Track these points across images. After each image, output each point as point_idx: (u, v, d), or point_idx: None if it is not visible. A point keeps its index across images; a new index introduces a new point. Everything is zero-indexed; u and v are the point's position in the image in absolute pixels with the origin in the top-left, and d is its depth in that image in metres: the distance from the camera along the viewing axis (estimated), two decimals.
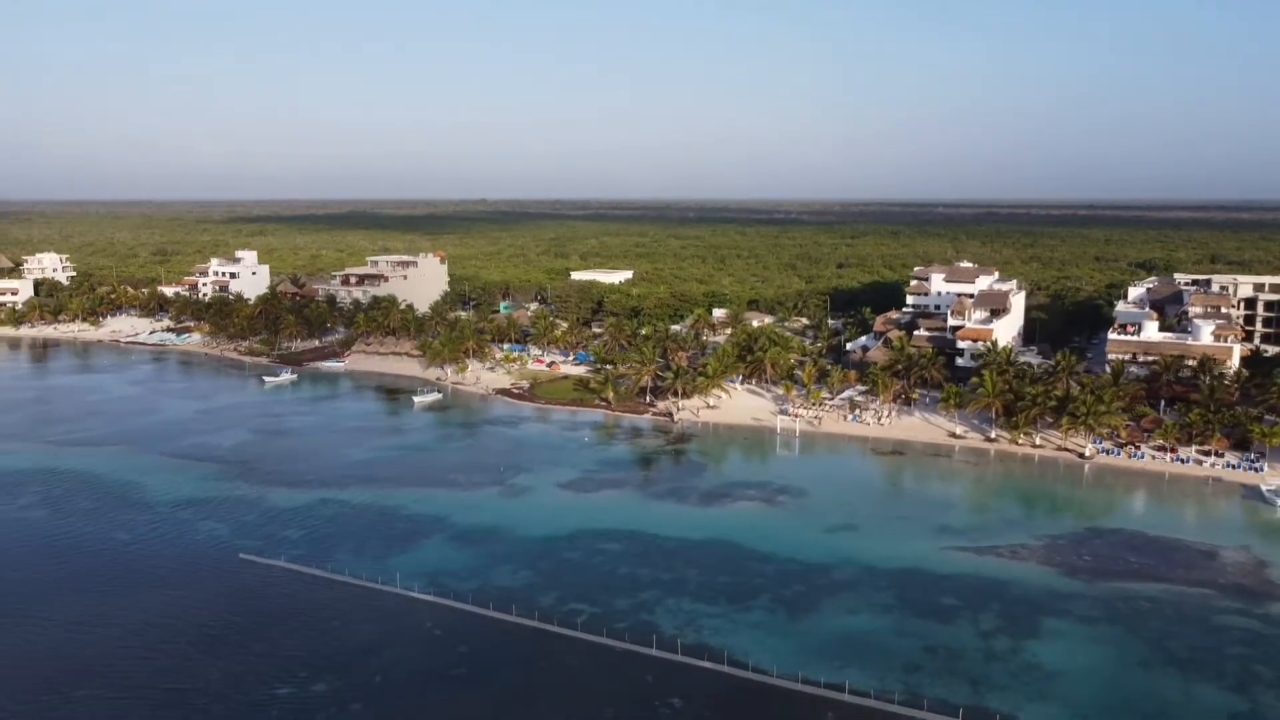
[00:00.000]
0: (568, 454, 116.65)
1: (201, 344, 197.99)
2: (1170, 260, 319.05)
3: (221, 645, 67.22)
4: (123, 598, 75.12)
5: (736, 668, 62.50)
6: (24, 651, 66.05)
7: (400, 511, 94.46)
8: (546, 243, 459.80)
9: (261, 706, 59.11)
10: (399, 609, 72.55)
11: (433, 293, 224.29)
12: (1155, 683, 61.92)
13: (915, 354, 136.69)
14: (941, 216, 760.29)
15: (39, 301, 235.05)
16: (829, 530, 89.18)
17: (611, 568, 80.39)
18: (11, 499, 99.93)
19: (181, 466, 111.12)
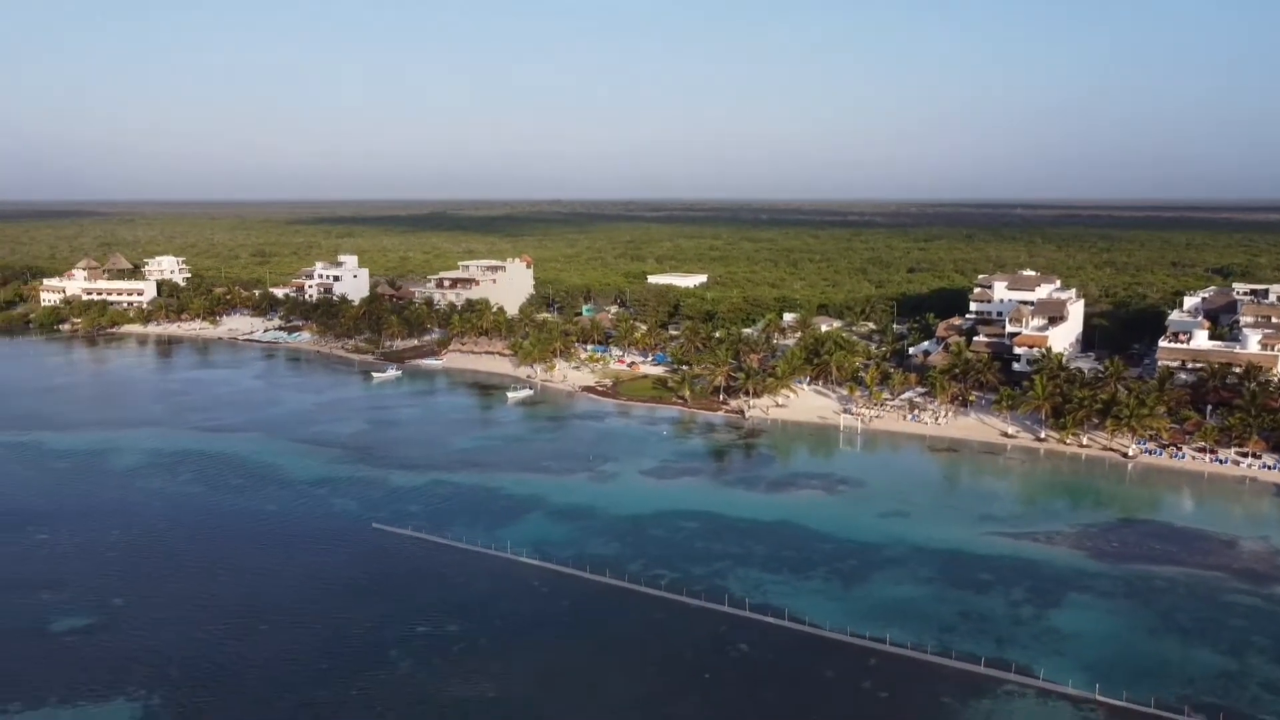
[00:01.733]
0: (648, 445, 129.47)
1: (310, 342, 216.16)
2: (1250, 266, 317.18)
3: (367, 595, 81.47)
4: (283, 556, 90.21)
5: (795, 622, 74.39)
6: (218, 594, 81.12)
7: (504, 491, 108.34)
8: (623, 245, 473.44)
9: (406, 640, 72.92)
10: (509, 570, 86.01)
11: (519, 295, 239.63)
12: (1159, 646, 71.86)
13: (972, 359, 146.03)
14: (1019, 219, 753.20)
15: (163, 302, 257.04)
16: (882, 515, 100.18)
17: (689, 542, 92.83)
18: (173, 476, 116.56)
19: (310, 451, 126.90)
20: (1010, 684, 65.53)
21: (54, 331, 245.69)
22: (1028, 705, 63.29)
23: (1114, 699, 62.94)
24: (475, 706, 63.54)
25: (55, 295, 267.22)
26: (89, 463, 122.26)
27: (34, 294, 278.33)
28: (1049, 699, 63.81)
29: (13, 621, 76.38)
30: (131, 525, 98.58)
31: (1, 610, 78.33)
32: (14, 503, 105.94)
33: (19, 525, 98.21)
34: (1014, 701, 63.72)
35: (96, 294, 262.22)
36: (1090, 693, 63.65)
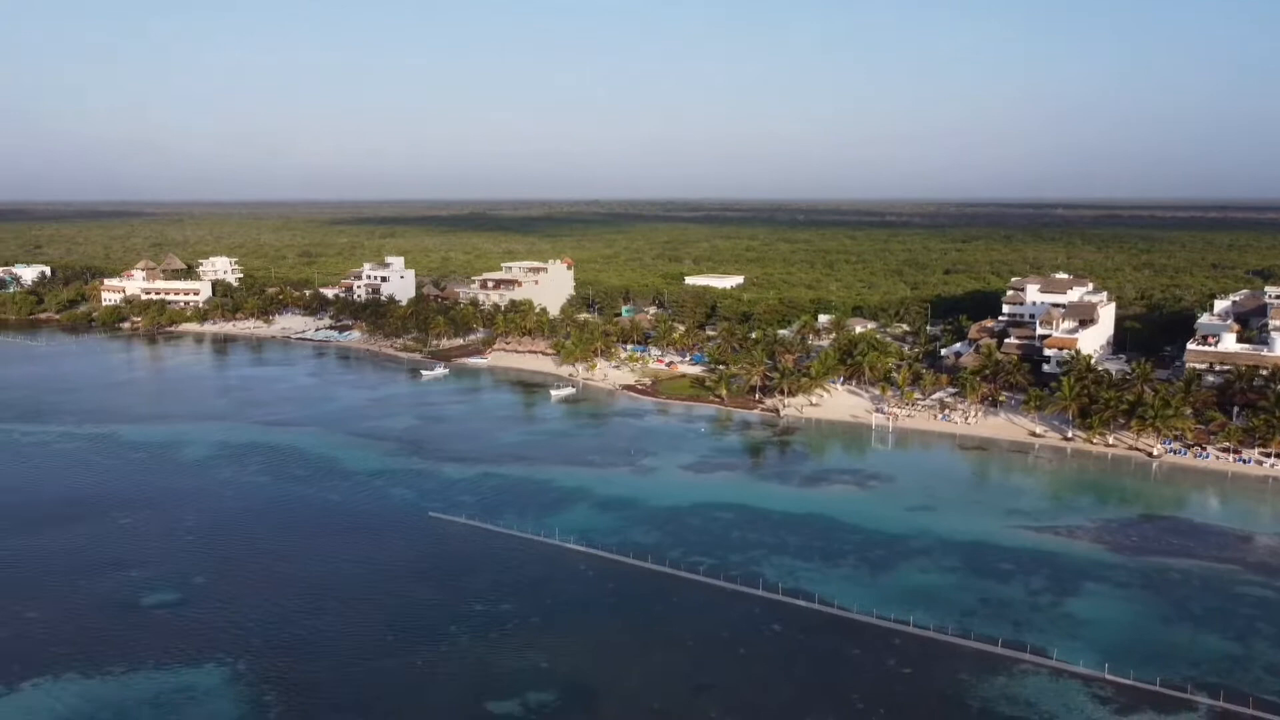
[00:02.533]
0: (687, 441, 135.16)
1: (360, 340, 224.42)
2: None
3: (426, 576, 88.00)
4: (347, 541, 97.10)
5: (824, 605, 79.72)
6: (290, 574, 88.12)
7: (550, 483, 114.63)
8: (660, 246, 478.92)
9: (464, 616, 79.25)
10: (558, 556, 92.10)
11: (561, 296, 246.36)
12: (1169, 632, 76.24)
13: (1003, 360, 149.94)
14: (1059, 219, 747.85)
15: (219, 301, 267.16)
16: (910, 509, 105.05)
17: (725, 531, 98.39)
18: (241, 466, 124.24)
19: (366, 444, 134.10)
20: (1025, 663, 70.38)
21: (116, 330, 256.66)
22: (1040, 683, 68.09)
23: (1121, 678, 67.57)
24: (529, 675, 69.59)
25: (116, 295, 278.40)
26: (162, 454, 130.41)
27: (95, 293, 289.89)
28: (1060, 677, 68.55)
29: (109, 596, 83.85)
30: (205, 511, 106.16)
31: (98, 586, 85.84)
32: (98, 490, 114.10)
33: (105, 511, 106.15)
34: (1027, 679, 68.55)
35: (155, 294, 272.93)
36: (1100, 672, 68.32)
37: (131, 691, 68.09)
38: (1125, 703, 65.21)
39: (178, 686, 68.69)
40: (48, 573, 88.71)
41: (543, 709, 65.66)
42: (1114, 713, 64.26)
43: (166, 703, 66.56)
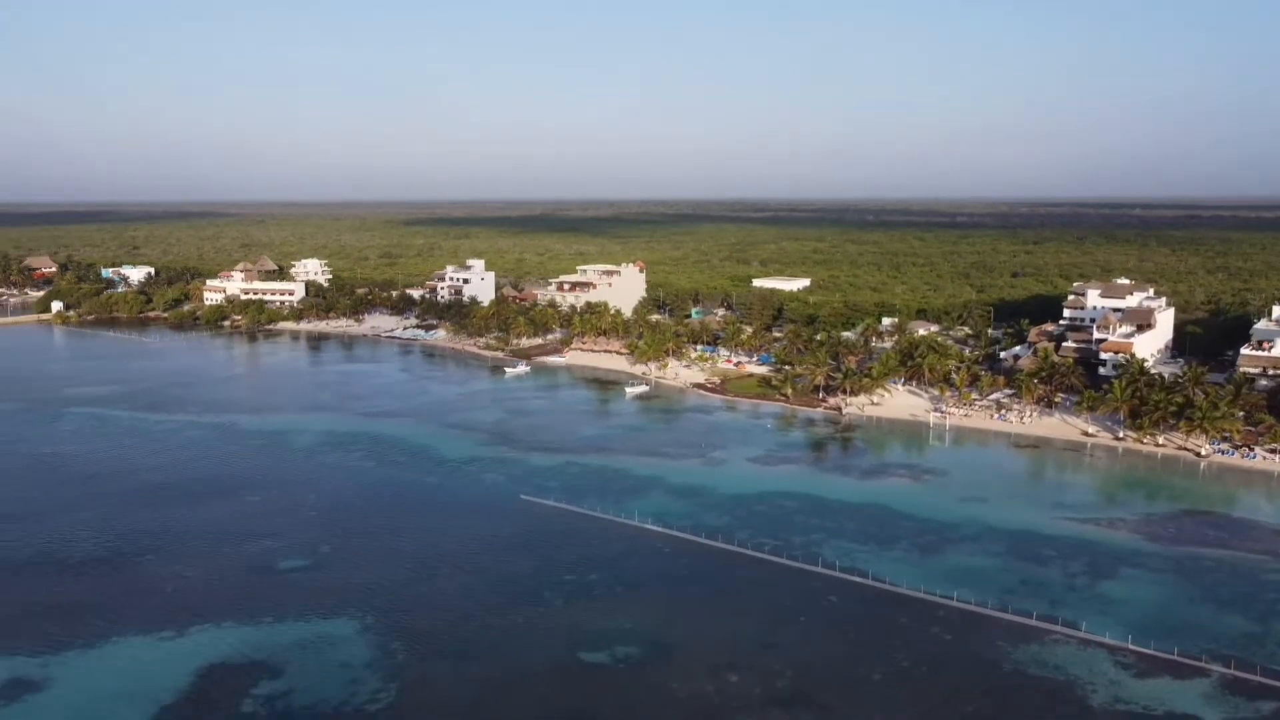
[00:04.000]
0: (753, 437, 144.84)
1: (445, 339, 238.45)
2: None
3: (522, 550, 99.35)
4: (449, 519, 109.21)
5: (877, 581, 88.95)
6: (402, 546, 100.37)
7: (628, 472, 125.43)
8: (728, 248, 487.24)
9: (557, 584, 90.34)
10: (637, 536, 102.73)
11: (633, 297, 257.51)
12: (1194, 611, 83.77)
13: (1059, 363, 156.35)
14: (1136, 219, 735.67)
15: (312, 301, 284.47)
16: (962, 500, 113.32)
17: (788, 517, 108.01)
18: (347, 453, 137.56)
19: (459, 435, 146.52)
20: (1056, 634, 78.80)
21: (219, 327, 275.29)
22: (1069, 651, 76.49)
23: (1142, 648, 75.62)
24: (615, 633, 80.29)
25: (217, 295, 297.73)
26: (277, 441, 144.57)
27: (197, 293, 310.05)
28: (1087, 647, 76.84)
29: (251, 560, 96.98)
30: (322, 492, 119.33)
31: (241, 552, 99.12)
32: (227, 472, 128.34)
33: (235, 490, 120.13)
34: (1057, 647, 77.00)
35: (253, 294, 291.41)
36: (1124, 643, 76.45)
37: (280, 637, 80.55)
38: (1144, 669, 73.37)
39: (318, 634, 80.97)
40: (198, 540, 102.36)
41: (628, 659, 76.34)
42: (1133, 677, 72.48)
43: (310, 646, 78.81)
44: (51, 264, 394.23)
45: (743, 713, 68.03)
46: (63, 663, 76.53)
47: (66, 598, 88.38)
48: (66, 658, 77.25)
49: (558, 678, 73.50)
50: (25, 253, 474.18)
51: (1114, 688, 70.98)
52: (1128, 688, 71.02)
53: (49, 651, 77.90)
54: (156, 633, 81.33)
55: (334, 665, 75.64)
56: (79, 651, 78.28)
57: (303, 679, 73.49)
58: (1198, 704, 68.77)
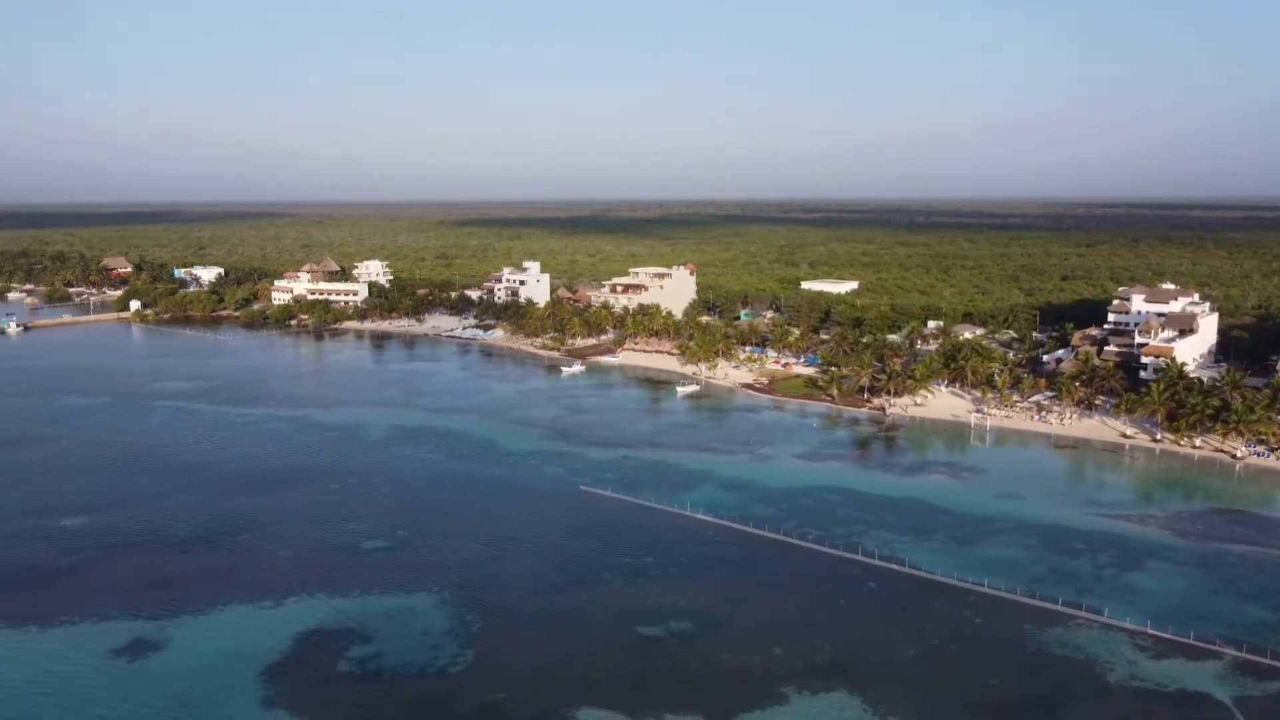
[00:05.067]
0: (800, 434, 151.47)
1: (502, 339, 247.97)
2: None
3: (581, 536, 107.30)
4: (514, 506, 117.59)
5: (913, 569, 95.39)
6: (472, 531, 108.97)
7: (680, 466, 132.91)
8: (777, 250, 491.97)
9: (615, 566, 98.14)
10: (689, 524, 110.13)
11: (684, 299, 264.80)
12: (1214, 601, 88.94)
13: (1099, 366, 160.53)
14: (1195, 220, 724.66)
15: (376, 301, 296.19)
16: (998, 496, 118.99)
17: (832, 509, 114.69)
18: (417, 446, 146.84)
19: (520, 430, 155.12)
20: (1080, 619, 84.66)
21: (287, 326, 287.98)
22: (1091, 634, 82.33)
23: (1160, 632, 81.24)
24: (669, 610, 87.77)
25: (285, 294, 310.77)
26: (350, 434, 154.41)
27: (265, 292, 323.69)
28: (1109, 631, 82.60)
29: (335, 541, 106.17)
30: (396, 481, 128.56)
31: (326, 534, 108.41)
32: (307, 461, 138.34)
33: (316, 478, 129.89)
34: (1080, 631, 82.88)
35: (319, 294, 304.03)
36: (1143, 627, 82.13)
37: (366, 609, 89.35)
38: (1160, 651, 79.05)
39: (400, 607, 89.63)
40: (286, 523, 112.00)
41: (681, 633, 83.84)
42: (1149, 658, 78.23)
43: (394, 617, 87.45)
44: (127, 264, 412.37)
45: (786, 682, 75.09)
46: (177, 626, 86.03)
47: (175, 571, 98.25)
48: (181, 621, 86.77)
49: (618, 648, 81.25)
50: (99, 252, 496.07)
51: (1130, 667, 76.85)
52: (1143, 667, 76.84)
53: (165, 617, 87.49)
54: (257, 603, 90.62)
55: (417, 633, 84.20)
56: (190, 617, 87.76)
57: (390, 644, 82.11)
58: (1209, 683, 74.39)
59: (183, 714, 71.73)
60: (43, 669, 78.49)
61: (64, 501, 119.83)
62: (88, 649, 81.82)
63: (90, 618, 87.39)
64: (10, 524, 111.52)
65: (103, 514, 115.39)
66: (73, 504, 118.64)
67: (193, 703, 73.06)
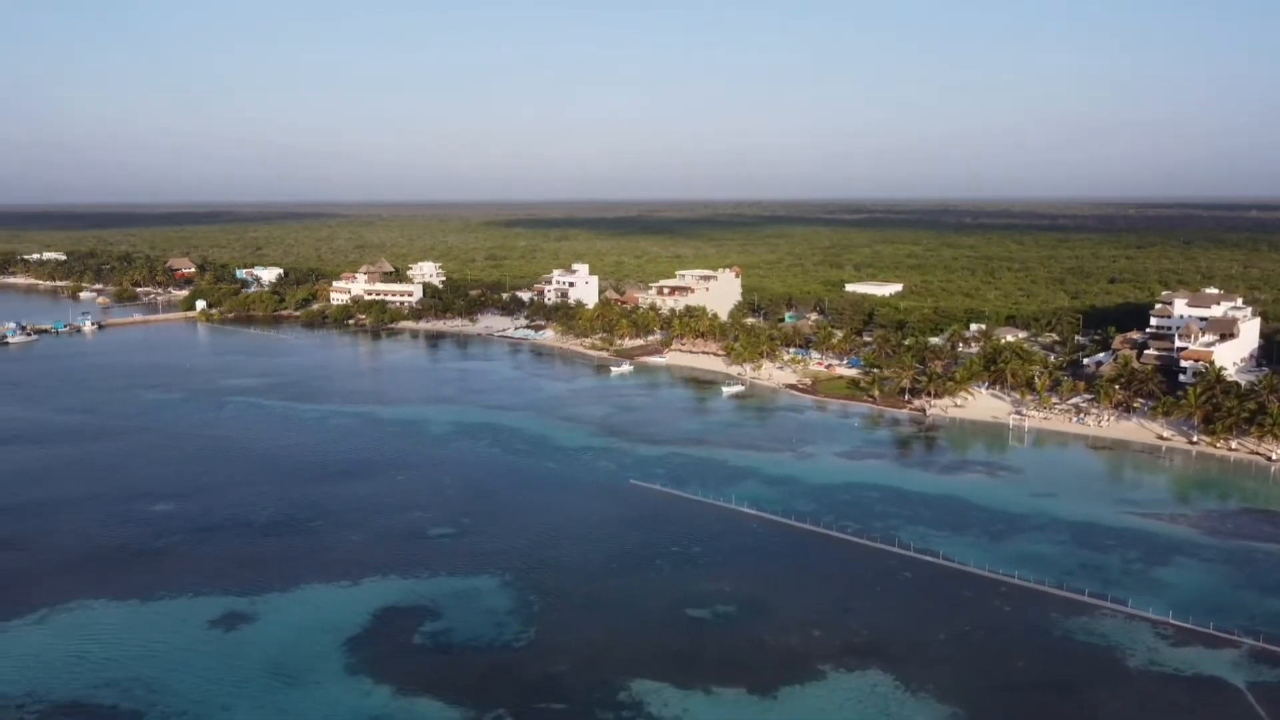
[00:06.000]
0: (841, 434, 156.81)
1: (553, 339, 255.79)
2: None
3: (633, 526, 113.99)
4: (569, 498, 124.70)
5: (947, 560, 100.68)
6: (530, 520, 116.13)
7: (726, 462, 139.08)
8: (822, 251, 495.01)
9: (665, 554, 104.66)
10: (734, 517, 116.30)
11: (729, 301, 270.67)
12: (1237, 595, 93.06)
13: (1138, 369, 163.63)
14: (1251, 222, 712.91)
15: (430, 302, 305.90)
16: (1033, 495, 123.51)
17: (870, 505, 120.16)
18: (475, 441, 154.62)
19: (572, 427, 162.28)
20: (1104, 609, 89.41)
21: (345, 326, 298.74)
22: (1114, 623, 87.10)
23: (1181, 622, 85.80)
24: (716, 595, 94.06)
25: (343, 295, 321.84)
26: (412, 429, 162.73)
27: (324, 293, 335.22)
28: (1132, 620, 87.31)
29: (403, 528, 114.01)
30: (457, 473, 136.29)
31: (394, 521, 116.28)
32: (373, 454, 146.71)
33: (383, 470, 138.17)
34: (1104, 620, 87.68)
35: (375, 294, 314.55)
36: (1165, 617, 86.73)
37: (435, 589, 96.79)
38: (1180, 639, 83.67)
39: (466, 588, 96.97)
40: (357, 511, 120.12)
41: (727, 615, 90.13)
42: (1169, 646, 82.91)
43: (462, 596, 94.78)
44: (190, 265, 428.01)
45: (823, 660, 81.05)
46: (265, 602, 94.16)
47: (259, 552, 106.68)
48: (268, 598, 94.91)
49: (668, 627, 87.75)
50: (161, 253, 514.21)
51: (1150, 653, 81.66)
52: (1163, 654, 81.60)
53: (254, 593, 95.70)
54: (335, 582, 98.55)
55: (482, 611, 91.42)
56: (276, 594, 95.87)
57: (458, 621, 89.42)
58: (1225, 669, 78.95)
59: (276, 679, 79.49)
60: (149, 638, 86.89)
61: (152, 489, 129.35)
62: (187, 620, 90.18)
63: (186, 593, 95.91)
64: (107, 509, 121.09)
65: (188, 500, 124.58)
66: (160, 491, 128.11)
67: (284, 669, 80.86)
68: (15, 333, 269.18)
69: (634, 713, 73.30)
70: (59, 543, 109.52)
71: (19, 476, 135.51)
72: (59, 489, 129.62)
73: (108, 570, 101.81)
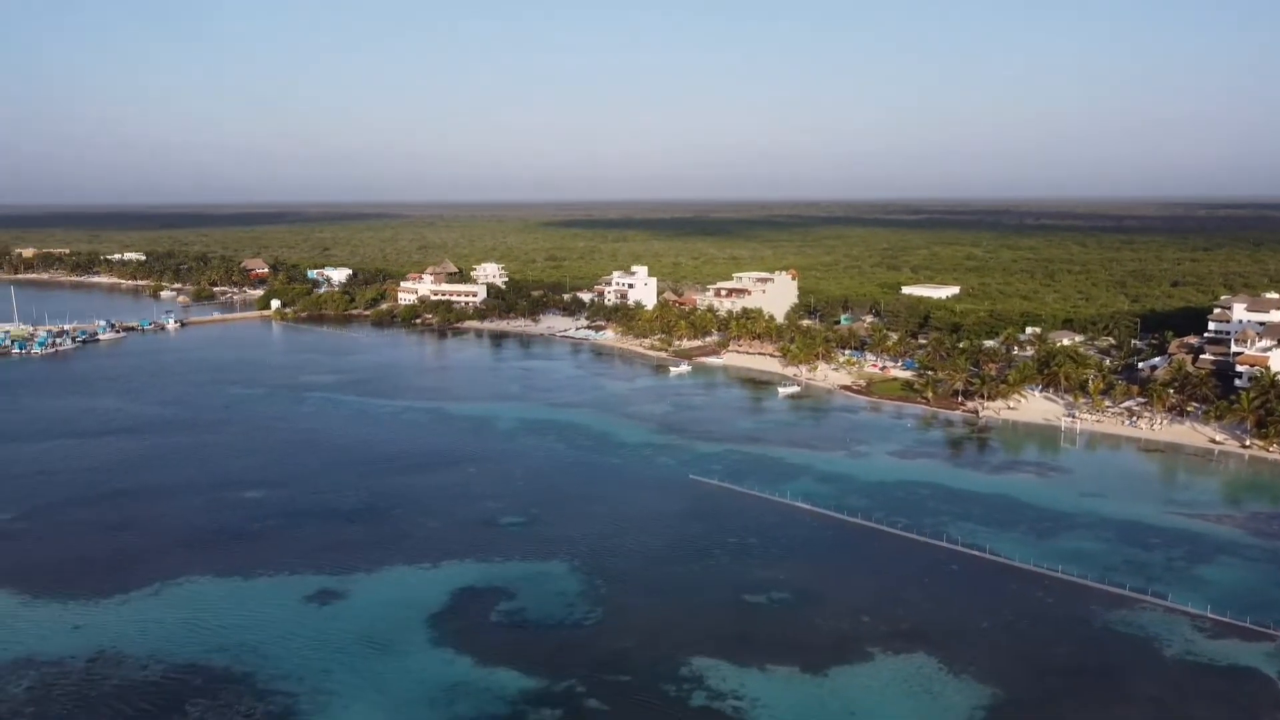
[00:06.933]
0: (894, 434, 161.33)
1: (613, 339, 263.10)
2: None
3: (692, 518, 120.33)
4: (631, 492, 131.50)
5: (994, 555, 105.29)
6: (594, 511, 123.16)
7: (781, 460, 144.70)
8: (879, 253, 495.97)
9: (723, 545, 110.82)
10: (788, 511, 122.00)
11: (785, 303, 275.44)
12: (1278, 592, 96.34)
13: (1192, 374, 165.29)
14: None
15: (494, 303, 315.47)
16: (1081, 495, 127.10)
17: (921, 502, 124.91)
18: (541, 436, 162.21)
19: (633, 424, 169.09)
20: (1144, 603, 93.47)
21: (413, 325, 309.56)
22: (1154, 615, 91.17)
23: (1219, 616, 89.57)
24: (771, 583, 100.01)
25: (410, 295, 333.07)
26: (480, 424, 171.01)
27: (392, 293, 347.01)
28: (1171, 614, 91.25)
29: (477, 517, 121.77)
30: (526, 466, 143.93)
31: (468, 510, 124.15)
32: (445, 447, 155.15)
33: (455, 462, 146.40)
34: (1144, 613, 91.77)
35: (441, 295, 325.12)
36: (1203, 612, 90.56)
37: (509, 572, 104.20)
38: (1216, 632, 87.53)
39: (537, 571, 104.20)
40: (434, 499, 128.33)
41: (782, 602, 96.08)
42: (1205, 638, 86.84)
43: (534, 579, 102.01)
44: (264, 265, 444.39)
45: (871, 643, 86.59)
46: (353, 582, 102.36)
47: (345, 536, 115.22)
48: (355, 577, 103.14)
49: (726, 611, 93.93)
50: (233, 252, 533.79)
51: (1186, 644, 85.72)
52: (1198, 645, 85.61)
53: (343, 572, 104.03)
54: (416, 564, 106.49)
55: (553, 593, 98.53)
56: (363, 574, 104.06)
57: (531, 601, 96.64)
58: (1259, 660, 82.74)
59: (368, 648, 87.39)
60: (252, 610, 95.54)
61: (243, 477, 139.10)
62: (285, 596, 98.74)
63: (283, 571, 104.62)
64: (206, 494, 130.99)
65: (278, 488, 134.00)
66: (251, 479, 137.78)
67: (376, 639, 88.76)
68: (105, 330, 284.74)
69: (694, 685, 79.71)
70: (167, 525, 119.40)
71: (127, 464, 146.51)
72: (162, 476, 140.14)
73: (211, 550, 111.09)
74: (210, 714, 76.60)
